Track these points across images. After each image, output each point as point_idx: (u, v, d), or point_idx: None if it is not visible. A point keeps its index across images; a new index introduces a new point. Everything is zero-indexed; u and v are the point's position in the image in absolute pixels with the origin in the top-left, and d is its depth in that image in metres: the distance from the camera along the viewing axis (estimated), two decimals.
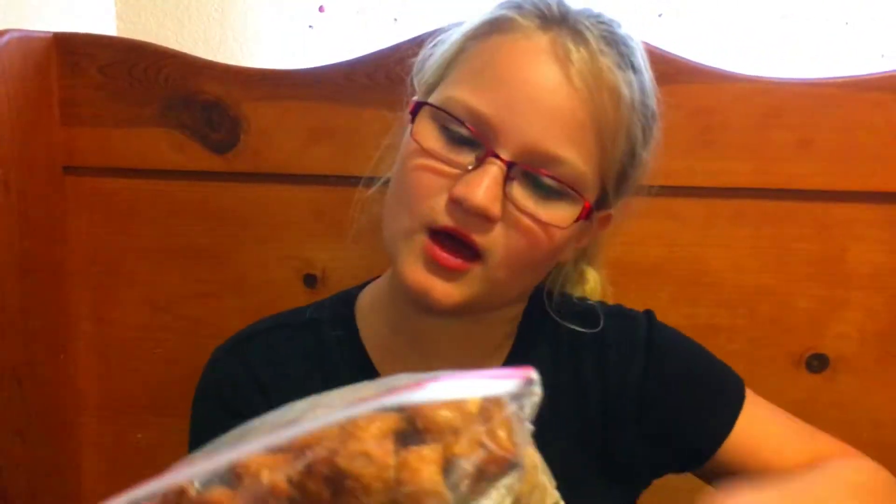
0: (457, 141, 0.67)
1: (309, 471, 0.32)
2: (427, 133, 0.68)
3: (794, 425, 0.82)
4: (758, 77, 0.97)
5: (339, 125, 1.00)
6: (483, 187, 0.64)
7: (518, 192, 0.67)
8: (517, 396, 0.34)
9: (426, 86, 0.74)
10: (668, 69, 0.96)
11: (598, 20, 0.69)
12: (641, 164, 0.74)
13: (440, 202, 0.66)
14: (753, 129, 0.98)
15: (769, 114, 0.97)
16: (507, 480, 0.33)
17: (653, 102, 0.73)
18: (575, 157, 0.66)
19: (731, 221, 1.01)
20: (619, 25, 0.71)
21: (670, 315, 1.01)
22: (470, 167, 0.66)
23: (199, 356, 0.97)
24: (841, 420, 1.03)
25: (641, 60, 0.71)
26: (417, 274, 0.68)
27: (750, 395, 0.82)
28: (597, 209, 0.73)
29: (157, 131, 1.05)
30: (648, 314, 0.85)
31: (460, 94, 0.67)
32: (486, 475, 0.33)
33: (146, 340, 1.11)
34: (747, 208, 1.01)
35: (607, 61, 0.67)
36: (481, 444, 0.33)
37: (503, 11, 0.69)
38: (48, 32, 1.03)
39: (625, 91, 0.68)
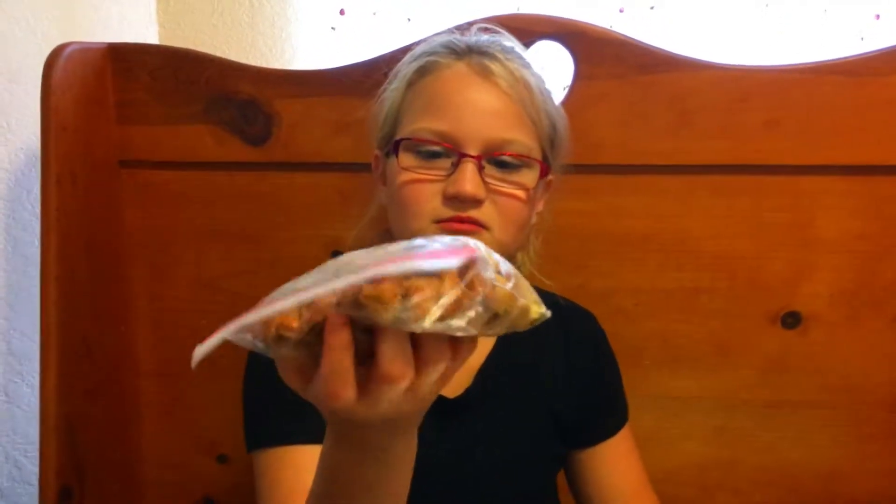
0: (431, 156, 0.85)
1: (341, 301, 0.47)
2: (407, 159, 0.85)
3: (642, 468, 1.04)
4: (729, 65, 1.06)
5: (360, 118, 1.03)
6: (468, 180, 0.82)
7: (490, 174, 0.84)
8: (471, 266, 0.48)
9: (384, 135, 0.92)
10: (650, 60, 1.07)
11: (492, 40, 0.88)
12: (560, 131, 0.92)
13: (437, 202, 0.83)
14: (726, 111, 1.07)
15: (740, 97, 1.06)
16: (477, 308, 0.48)
17: (547, 87, 0.91)
18: (520, 136, 0.84)
19: (709, 195, 1.10)
20: (507, 38, 0.91)
21: (659, 279, 1.13)
22: (448, 171, 0.83)
23: None
24: (813, 370, 1.13)
25: (528, 57, 0.90)
26: None
27: (629, 424, 1.05)
28: (544, 176, 0.90)
29: (200, 128, 1.14)
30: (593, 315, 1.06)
31: (423, 124, 0.85)
32: (461, 306, 0.47)
33: (194, 313, 1.21)
34: (724, 183, 1.10)
35: (513, 64, 0.85)
36: (458, 287, 0.47)
37: (426, 59, 0.88)
38: (103, 43, 1.13)
39: (532, 80, 0.87)
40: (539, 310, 0.52)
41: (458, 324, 0.48)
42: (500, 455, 0.94)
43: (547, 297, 0.52)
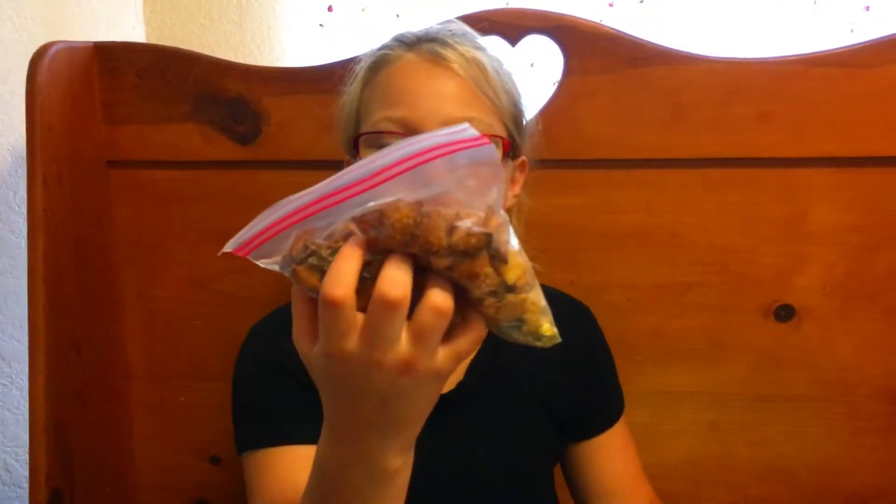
0: None
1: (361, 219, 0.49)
2: (369, 154, 0.84)
3: (638, 461, 1.03)
4: (719, 57, 1.06)
5: None
6: None
7: None
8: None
9: (347, 137, 0.90)
10: (640, 53, 1.06)
11: (441, 27, 0.88)
12: (524, 111, 0.92)
13: None
14: (718, 104, 1.06)
15: (732, 90, 1.06)
16: (488, 254, 0.48)
17: (505, 68, 0.90)
18: (479, 114, 0.84)
19: (701, 189, 1.10)
20: (455, 23, 0.90)
21: (651, 274, 1.13)
22: None
23: (233, 326, 1.08)
24: (807, 364, 1.12)
25: (480, 40, 0.90)
26: None
27: (625, 416, 1.04)
28: (513, 155, 0.90)
29: (188, 127, 1.13)
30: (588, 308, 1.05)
31: (381, 115, 0.84)
32: (472, 235, 0.47)
33: (185, 313, 1.20)
34: (716, 176, 1.09)
35: (463, 46, 0.85)
36: (474, 223, 0.48)
37: (378, 53, 0.89)
38: (89, 42, 1.12)
39: (485, 60, 0.86)
40: (552, 329, 0.52)
41: (467, 262, 0.48)
42: (494, 449, 0.94)
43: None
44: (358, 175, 0.49)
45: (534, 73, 1.25)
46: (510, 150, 0.88)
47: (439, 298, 0.49)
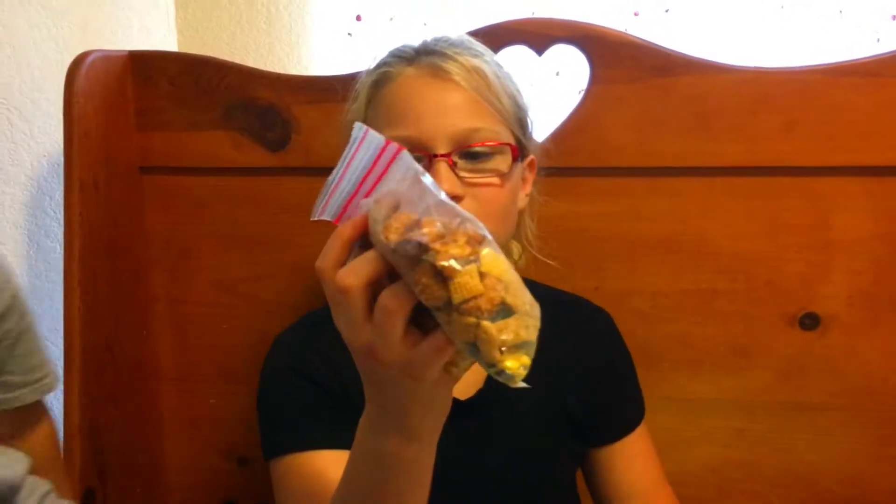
0: None
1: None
2: None
3: (659, 465, 1.03)
4: (745, 67, 1.06)
5: None
6: (443, 180, 0.82)
7: (464, 168, 0.84)
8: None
9: None
10: (666, 63, 1.07)
11: (437, 40, 0.89)
12: (527, 110, 0.93)
13: None
14: (744, 113, 1.07)
15: (757, 99, 1.06)
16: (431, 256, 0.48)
17: (504, 70, 0.91)
18: (485, 123, 0.85)
19: (727, 197, 1.10)
20: (452, 36, 0.91)
21: (676, 282, 1.13)
22: None
23: (260, 330, 1.10)
24: (832, 372, 1.12)
25: (478, 46, 0.90)
26: None
27: (645, 421, 1.03)
28: (521, 157, 0.91)
29: (219, 134, 1.15)
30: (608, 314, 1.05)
31: (387, 135, 0.85)
32: (408, 242, 0.48)
33: (214, 317, 1.22)
34: (741, 185, 1.09)
35: (462, 57, 0.86)
36: (423, 232, 0.48)
37: (378, 71, 0.90)
38: (124, 51, 1.15)
39: (485, 67, 0.87)
40: (518, 371, 0.48)
41: (414, 269, 0.48)
42: (515, 454, 0.95)
43: (550, 292, 0.51)
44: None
45: (559, 81, 1.26)
46: (518, 154, 0.89)
47: (386, 298, 0.51)
